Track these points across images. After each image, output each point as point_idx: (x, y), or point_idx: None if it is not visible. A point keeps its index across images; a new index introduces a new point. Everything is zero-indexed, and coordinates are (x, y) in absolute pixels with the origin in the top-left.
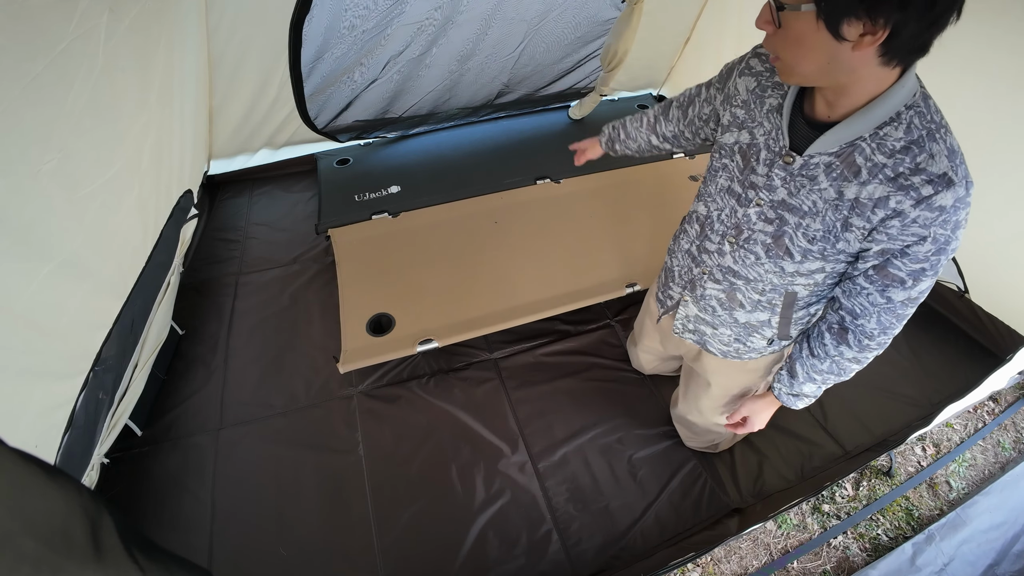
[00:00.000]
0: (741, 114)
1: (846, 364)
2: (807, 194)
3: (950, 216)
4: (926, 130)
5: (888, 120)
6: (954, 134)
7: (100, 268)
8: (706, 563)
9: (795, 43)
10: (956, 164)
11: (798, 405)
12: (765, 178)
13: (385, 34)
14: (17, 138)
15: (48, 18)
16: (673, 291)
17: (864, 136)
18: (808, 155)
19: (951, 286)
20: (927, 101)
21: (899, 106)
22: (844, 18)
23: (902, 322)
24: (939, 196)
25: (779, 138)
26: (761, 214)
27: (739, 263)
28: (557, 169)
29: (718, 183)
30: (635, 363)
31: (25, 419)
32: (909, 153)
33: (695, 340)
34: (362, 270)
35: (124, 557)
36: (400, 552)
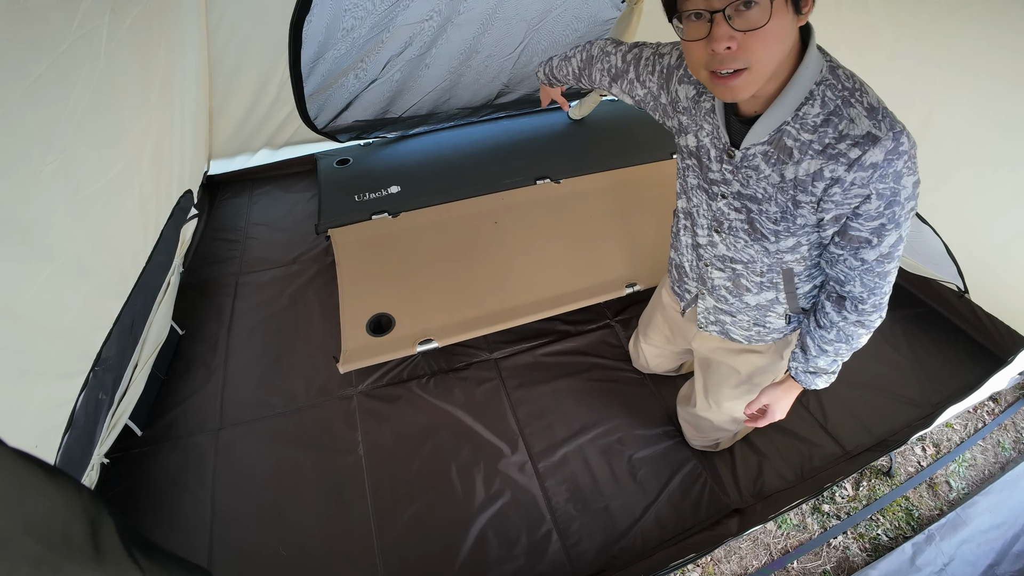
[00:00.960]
0: (685, 120)
1: (851, 330)
2: (756, 183)
3: (886, 169)
4: (840, 98)
5: (804, 100)
6: (872, 91)
7: (101, 268)
8: (706, 563)
9: (776, 38)
10: (878, 120)
11: (817, 383)
12: (719, 174)
13: (385, 34)
14: (19, 139)
15: (50, 19)
16: (689, 286)
17: (787, 120)
18: (744, 148)
19: (951, 286)
20: (835, 72)
21: (810, 84)
22: None
23: (886, 280)
24: (867, 155)
25: (720, 136)
26: (729, 205)
27: (731, 249)
28: (557, 169)
29: (688, 181)
30: (637, 361)
31: (25, 419)
32: (830, 124)
33: (718, 331)
34: (362, 270)
35: (124, 557)
36: (400, 552)
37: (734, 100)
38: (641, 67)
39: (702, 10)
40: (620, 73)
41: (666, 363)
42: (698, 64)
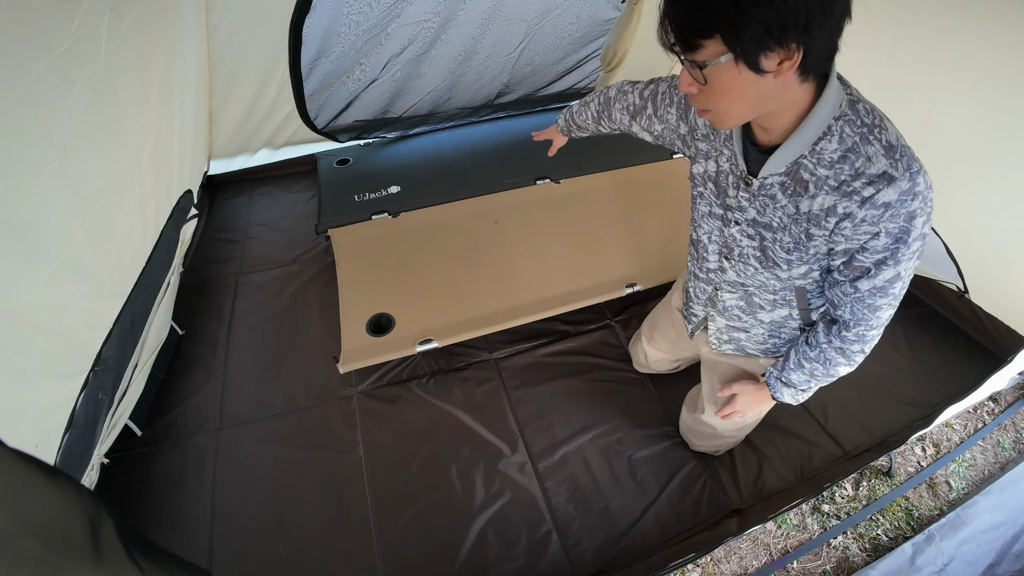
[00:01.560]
0: (704, 146)
1: (831, 354)
2: (772, 211)
3: (898, 209)
4: (858, 135)
5: (821, 135)
6: (892, 127)
7: (101, 268)
8: (706, 563)
9: (722, 93)
10: (895, 159)
11: (783, 395)
12: (736, 200)
13: (385, 34)
14: (19, 139)
15: (50, 19)
16: (696, 310)
17: (804, 154)
18: (762, 177)
19: (951, 286)
20: (855, 107)
21: (828, 120)
22: (760, 54)
23: (875, 314)
24: (881, 194)
25: (737, 162)
26: (743, 231)
27: (741, 276)
28: (557, 169)
29: (700, 209)
30: (637, 359)
31: (25, 419)
32: (847, 161)
33: (734, 349)
34: (362, 270)
35: (124, 557)
36: (400, 552)
37: (718, 128)
38: (659, 102)
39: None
40: (639, 110)
41: (665, 364)
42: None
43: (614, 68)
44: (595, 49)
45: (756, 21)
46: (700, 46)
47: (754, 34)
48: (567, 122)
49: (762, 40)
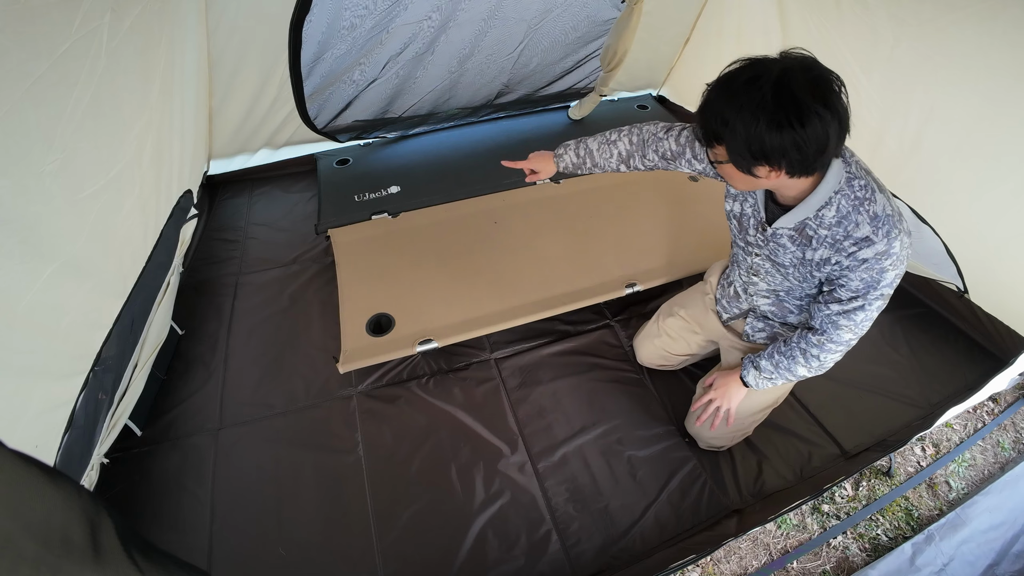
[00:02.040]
0: (734, 190)
1: (796, 352)
2: (783, 254)
3: (872, 264)
4: (851, 206)
5: (824, 204)
6: (882, 198)
7: (101, 268)
8: (706, 563)
9: (729, 176)
10: (878, 227)
11: (748, 375)
12: (755, 239)
13: (385, 34)
14: (20, 138)
15: (51, 19)
16: (741, 303)
17: (810, 217)
18: (775, 228)
19: (951, 286)
20: (851, 183)
21: (828, 194)
22: (752, 167)
23: (838, 332)
24: (862, 252)
25: (759, 212)
26: (764, 259)
27: (770, 284)
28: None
29: (730, 236)
30: (643, 353)
31: (25, 419)
32: (841, 225)
33: (766, 337)
34: (362, 270)
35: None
36: (400, 552)
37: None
38: (698, 148)
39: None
40: (677, 155)
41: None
42: None
43: (614, 68)
44: (595, 49)
45: (742, 147)
46: (713, 146)
47: (742, 156)
48: (578, 160)
49: (748, 161)
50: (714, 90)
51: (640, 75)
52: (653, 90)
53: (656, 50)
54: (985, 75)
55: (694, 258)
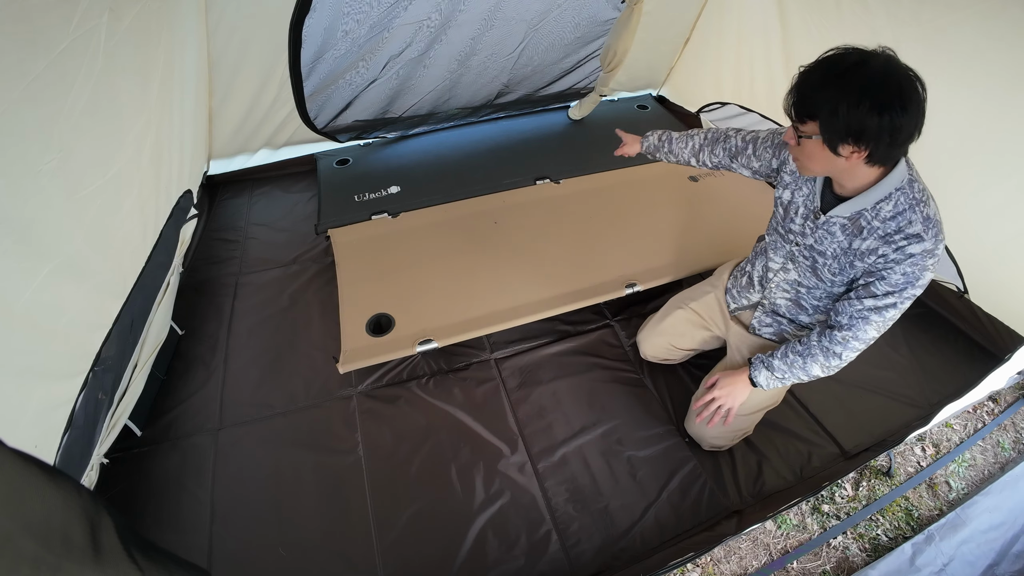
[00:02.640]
0: (788, 179)
1: (815, 351)
2: (828, 243)
3: (917, 260)
4: (908, 205)
5: (883, 198)
6: (934, 204)
7: (100, 268)
8: (705, 563)
9: (808, 156)
10: (927, 228)
11: (759, 375)
12: (800, 227)
13: (385, 34)
14: (18, 138)
15: (48, 18)
16: (752, 295)
17: (867, 208)
18: (830, 216)
19: (951, 286)
20: (912, 184)
21: (890, 189)
22: (839, 144)
23: (865, 328)
24: (910, 246)
25: (813, 200)
26: (800, 252)
27: (801, 276)
28: (557, 169)
29: (771, 224)
30: (648, 347)
31: (25, 419)
32: (895, 220)
33: (772, 333)
34: (362, 270)
35: (123, 557)
36: (400, 552)
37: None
38: (759, 145)
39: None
40: (739, 151)
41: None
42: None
43: (614, 68)
44: (595, 49)
45: (839, 126)
46: (805, 122)
47: (836, 133)
48: (659, 143)
49: (840, 138)
50: (817, 69)
51: (640, 75)
52: (653, 90)
53: (656, 50)
54: (985, 76)
55: (694, 258)
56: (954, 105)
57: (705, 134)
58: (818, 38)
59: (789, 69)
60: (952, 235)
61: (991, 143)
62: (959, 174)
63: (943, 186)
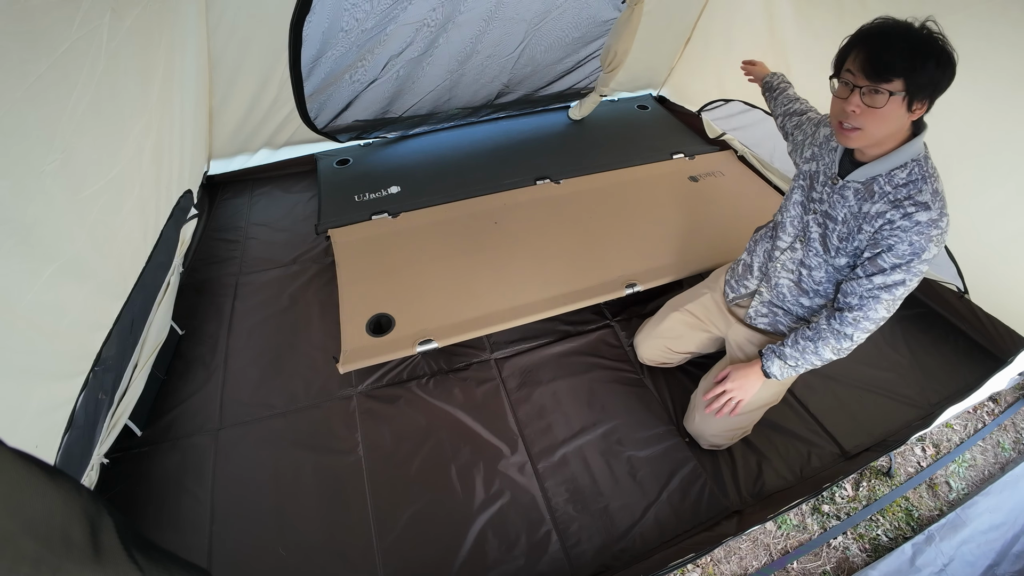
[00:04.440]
0: (816, 151)
1: (825, 335)
2: (840, 207)
3: (924, 229)
4: (921, 176)
5: (899, 165)
6: (942, 182)
7: (101, 268)
8: (706, 563)
9: (885, 118)
10: (935, 199)
11: (772, 366)
12: (820, 193)
13: (385, 34)
14: (20, 138)
15: (51, 19)
16: (750, 282)
17: (881, 174)
18: (846, 180)
19: (951, 287)
20: (926, 160)
21: (907, 159)
22: (916, 100)
23: (875, 306)
24: (917, 214)
25: (832, 167)
26: (816, 219)
27: (806, 256)
28: (557, 169)
29: (793, 198)
30: (645, 351)
31: (25, 419)
32: (907, 187)
33: (767, 323)
34: (362, 270)
35: (123, 557)
36: (400, 552)
37: (846, 146)
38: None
39: (851, 83)
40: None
41: (682, 344)
42: (835, 115)
43: (614, 68)
44: (595, 49)
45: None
46: (890, 80)
47: (924, 88)
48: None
49: (925, 93)
50: (896, 31)
51: (640, 75)
52: (653, 90)
53: (656, 50)
54: (985, 76)
55: (694, 258)
56: (954, 105)
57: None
58: (819, 37)
59: (790, 69)
60: (953, 235)
61: (991, 143)
62: (960, 174)
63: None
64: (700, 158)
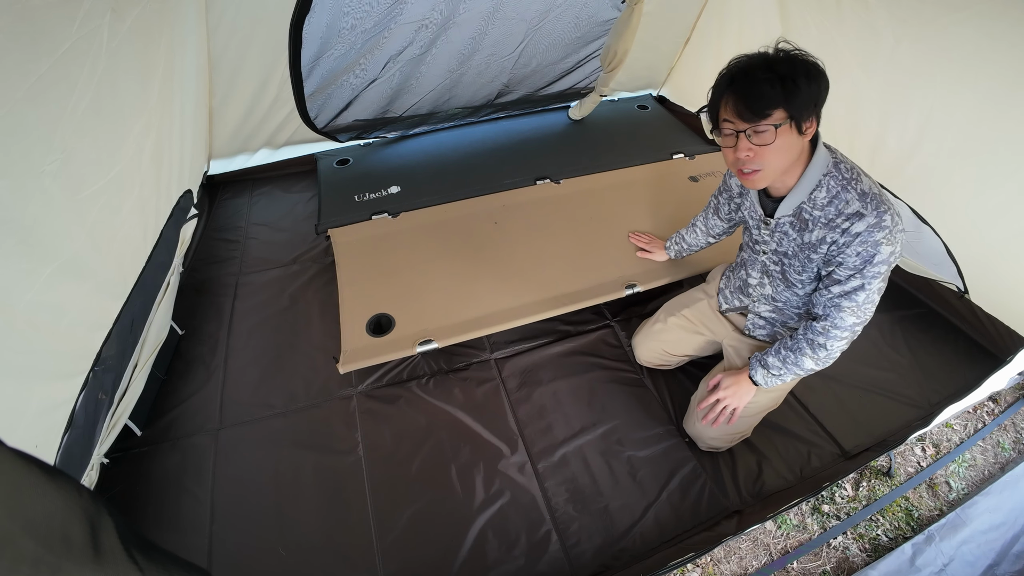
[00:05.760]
0: (738, 201)
1: (802, 344)
2: (787, 242)
3: (865, 237)
4: (840, 186)
5: (815, 187)
6: (866, 178)
7: (101, 268)
8: (706, 563)
9: (779, 150)
10: (866, 203)
11: (757, 374)
12: (760, 235)
13: (385, 33)
14: (20, 138)
15: (51, 19)
16: (743, 300)
17: (804, 200)
18: (776, 218)
19: (951, 286)
20: (838, 166)
21: (818, 176)
22: (806, 121)
23: (840, 315)
24: (853, 226)
25: (755, 210)
26: (769, 259)
27: (775, 291)
28: (557, 169)
29: (744, 239)
30: (643, 352)
31: (25, 419)
32: (833, 204)
33: (766, 335)
34: (362, 270)
35: (123, 557)
36: (400, 552)
37: (753, 188)
38: (719, 201)
39: (733, 130)
40: (718, 208)
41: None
42: (731, 164)
43: (614, 68)
44: (595, 49)
45: (805, 99)
46: (769, 115)
47: (805, 108)
48: (679, 248)
49: (808, 113)
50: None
51: (640, 75)
52: (653, 90)
53: (656, 50)
54: (985, 76)
55: (694, 259)
56: (954, 105)
57: (704, 216)
58: (819, 38)
59: None
60: (953, 235)
61: (992, 143)
62: (959, 174)
63: (943, 186)
64: (700, 158)
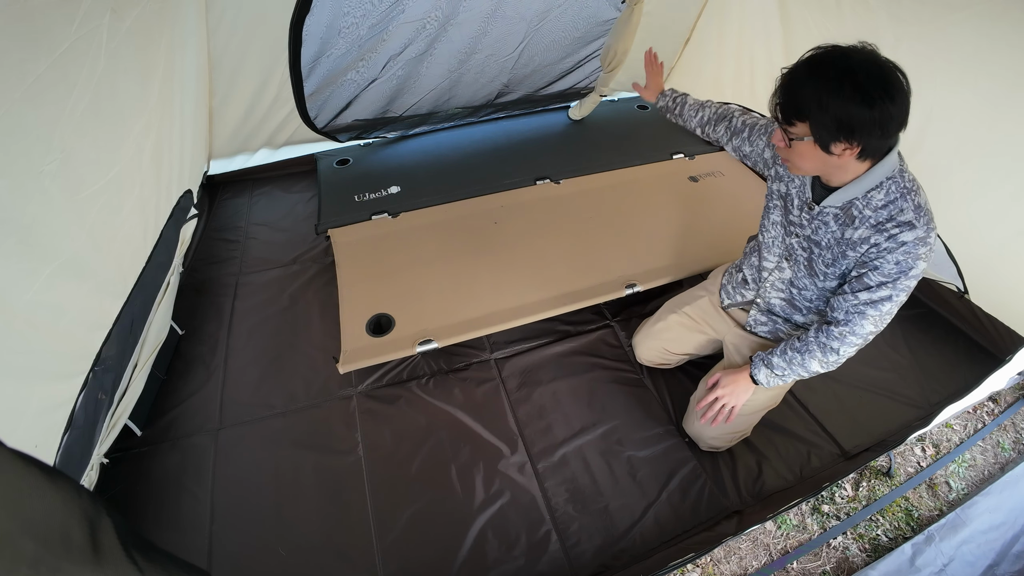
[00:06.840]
0: (782, 171)
1: (812, 347)
2: (823, 232)
3: (910, 248)
4: (899, 193)
5: (874, 186)
6: (924, 193)
7: (101, 268)
8: (705, 563)
9: (800, 155)
10: (919, 216)
11: (760, 373)
12: (798, 218)
13: (385, 33)
14: (20, 138)
15: (51, 19)
16: (747, 293)
17: (858, 197)
18: (822, 206)
19: (951, 286)
20: (903, 174)
21: (881, 178)
22: (831, 143)
23: (861, 321)
24: (902, 234)
25: (804, 191)
26: (800, 243)
27: (795, 276)
28: (557, 170)
29: (771, 218)
30: (643, 351)
31: (25, 419)
32: (887, 208)
33: (767, 331)
34: (362, 270)
35: (123, 558)
36: (399, 552)
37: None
38: (754, 131)
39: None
40: (737, 132)
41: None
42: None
43: (614, 68)
44: (595, 49)
45: (829, 122)
46: (793, 124)
47: (828, 130)
48: (672, 105)
49: (831, 135)
50: (801, 69)
51: (640, 75)
52: None
53: (656, 50)
54: (985, 76)
55: (694, 258)
56: (954, 105)
57: (716, 109)
58: (819, 38)
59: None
60: (952, 235)
61: (991, 144)
62: (959, 174)
63: (943, 186)
64: (700, 158)
